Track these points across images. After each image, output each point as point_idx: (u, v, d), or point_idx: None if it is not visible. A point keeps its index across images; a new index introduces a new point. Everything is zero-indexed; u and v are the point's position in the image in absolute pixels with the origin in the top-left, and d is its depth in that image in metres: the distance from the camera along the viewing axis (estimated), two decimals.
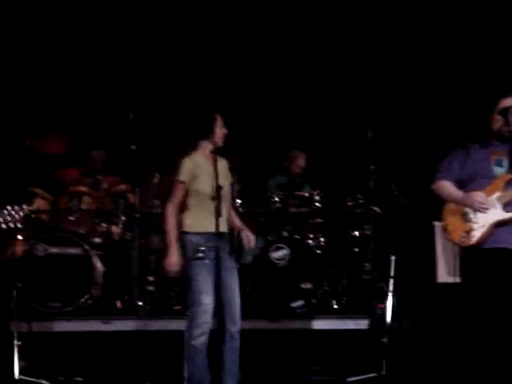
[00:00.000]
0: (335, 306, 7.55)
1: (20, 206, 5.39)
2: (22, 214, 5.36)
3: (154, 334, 7.00)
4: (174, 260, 5.54)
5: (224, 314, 5.56)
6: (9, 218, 5.38)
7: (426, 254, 7.08)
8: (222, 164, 5.73)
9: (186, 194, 5.59)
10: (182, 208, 5.61)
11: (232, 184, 5.84)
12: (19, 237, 7.35)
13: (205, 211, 5.54)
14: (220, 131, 5.69)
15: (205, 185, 5.55)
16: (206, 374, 5.62)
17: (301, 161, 8.36)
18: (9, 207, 5.43)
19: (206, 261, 5.46)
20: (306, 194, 7.76)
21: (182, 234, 5.58)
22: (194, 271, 5.49)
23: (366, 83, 8.87)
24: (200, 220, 5.56)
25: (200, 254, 5.44)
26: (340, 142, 8.62)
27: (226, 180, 5.68)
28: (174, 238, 5.56)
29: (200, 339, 5.49)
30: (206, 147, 5.67)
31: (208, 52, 8.85)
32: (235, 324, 5.58)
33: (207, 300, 5.46)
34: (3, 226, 5.46)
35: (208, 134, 5.63)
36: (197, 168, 5.59)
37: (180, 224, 5.57)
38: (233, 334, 5.59)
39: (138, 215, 7.50)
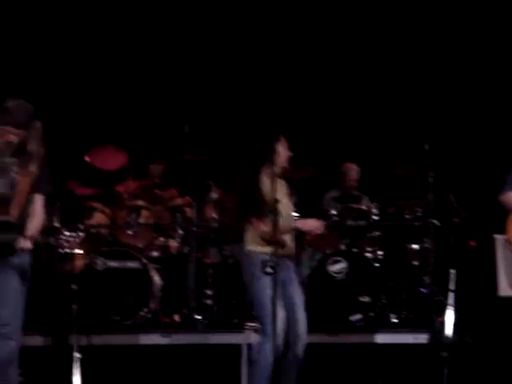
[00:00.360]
0: (394, 320, 7.46)
1: (76, 230, 5.40)
2: (78, 239, 5.37)
3: (212, 348, 7.00)
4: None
5: (289, 331, 5.63)
6: (66, 244, 5.36)
7: (486, 267, 6.97)
8: (283, 185, 5.80)
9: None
10: None
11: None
12: (79, 251, 7.45)
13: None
14: (284, 153, 5.72)
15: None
16: None
17: (353, 173, 8.28)
18: (67, 233, 5.41)
19: (273, 276, 5.51)
20: (364, 207, 7.71)
21: (251, 252, 5.69)
22: (263, 285, 5.55)
23: (424, 94, 8.80)
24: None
25: (268, 269, 5.49)
26: (398, 155, 8.54)
27: (287, 199, 5.73)
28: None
29: (271, 353, 5.55)
30: (270, 168, 5.67)
31: (265, 66, 8.85)
32: (299, 341, 5.64)
33: (278, 314, 5.50)
34: (60, 250, 5.47)
35: (272, 155, 5.65)
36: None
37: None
38: (296, 351, 5.64)
39: (195, 229, 7.54)
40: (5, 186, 5.20)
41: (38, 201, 5.27)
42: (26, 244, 5.14)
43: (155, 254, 7.72)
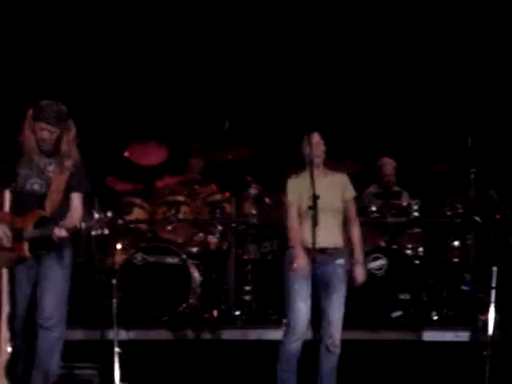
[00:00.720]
0: (435, 318, 7.39)
1: (106, 212, 5.58)
2: (107, 220, 5.54)
3: (251, 344, 7.00)
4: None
5: (322, 327, 5.66)
6: (97, 225, 5.51)
7: None
8: (334, 179, 5.77)
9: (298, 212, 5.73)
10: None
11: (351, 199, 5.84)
12: (119, 246, 7.49)
13: (306, 226, 5.62)
14: (315, 148, 5.74)
15: (304, 200, 5.66)
16: (293, 379, 5.72)
17: (389, 168, 8.20)
18: (97, 214, 5.58)
19: (302, 272, 5.58)
20: (404, 204, 7.64)
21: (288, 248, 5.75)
22: (291, 280, 5.63)
23: (466, 89, 8.70)
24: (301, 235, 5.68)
25: (296, 265, 5.59)
26: (439, 151, 8.46)
27: (330, 194, 5.68)
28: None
29: (293, 344, 5.64)
30: (309, 165, 5.74)
31: (306, 61, 8.83)
32: (331, 338, 5.64)
33: (302, 308, 5.59)
34: (93, 232, 5.67)
35: (304, 154, 5.76)
36: (299, 185, 5.73)
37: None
38: (329, 348, 5.65)
39: (234, 225, 7.54)
40: (41, 186, 5.46)
41: (76, 199, 5.52)
42: (61, 232, 5.33)
43: (194, 249, 7.75)
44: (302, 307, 5.60)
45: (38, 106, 5.42)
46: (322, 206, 5.56)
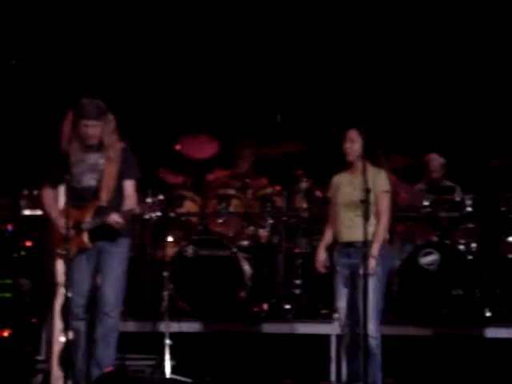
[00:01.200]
0: (488, 314, 7.28)
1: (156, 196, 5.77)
2: (159, 204, 5.73)
3: (301, 338, 6.99)
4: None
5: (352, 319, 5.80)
6: (151, 209, 5.72)
7: None
8: (372, 173, 5.76)
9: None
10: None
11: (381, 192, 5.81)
12: (170, 239, 7.54)
13: (338, 222, 5.84)
14: (344, 145, 5.85)
15: (340, 196, 5.83)
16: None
17: (435, 164, 8.10)
18: (149, 199, 5.76)
19: (337, 268, 5.81)
20: (457, 199, 7.55)
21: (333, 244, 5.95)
22: (334, 278, 5.90)
23: None
24: (335, 231, 5.90)
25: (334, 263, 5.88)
26: (494, 145, 8.35)
27: (360, 191, 5.68)
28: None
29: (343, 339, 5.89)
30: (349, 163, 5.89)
31: (355, 55, 8.77)
32: (362, 328, 5.67)
33: (339, 304, 5.85)
34: (146, 216, 5.87)
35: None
36: (339, 182, 5.90)
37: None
38: (362, 339, 5.66)
39: (284, 218, 7.53)
40: (97, 181, 5.72)
41: (129, 186, 5.78)
42: (117, 218, 5.59)
43: (245, 243, 7.74)
44: (341, 305, 5.83)
45: (79, 104, 5.68)
46: (352, 201, 5.69)
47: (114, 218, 5.60)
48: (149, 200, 5.73)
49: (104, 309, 5.71)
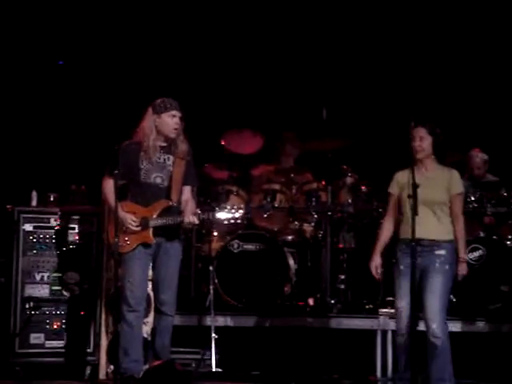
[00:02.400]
0: None
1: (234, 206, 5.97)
2: (241, 211, 5.90)
3: (346, 333, 6.99)
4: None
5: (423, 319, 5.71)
6: (229, 216, 5.88)
7: None
8: (439, 173, 5.79)
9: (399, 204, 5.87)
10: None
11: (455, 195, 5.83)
12: (215, 233, 7.58)
13: (405, 219, 5.75)
14: (418, 143, 5.80)
15: (406, 192, 5.72)
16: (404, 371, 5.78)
17: (476, 160, 8.01)
18: (228, 206, 5.97)
19: (401, 267, 5.72)
20: (505, 194, 7.46)
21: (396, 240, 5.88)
22: (395, 275, 5.81)
23: None
24: (401, 227, 5.82)
25: (395, 260, 5.80)
26: None
27: (430, 187, 5.69)
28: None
29: (398, 338, 5.79)
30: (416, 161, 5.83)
31: (406, 53, 8.71)
32: (429, 328, 5.65)
33: (400, 303, 5.72)
34: (225, 222, 6.01)
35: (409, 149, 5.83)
36: (404, 180, 5.80)
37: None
38: (429, 338, 5.64)
39: (329, 213, 7.53)
40: (163, 179, 5.84)
41: (188, 191, 5.93)
42: (192, 218, 5.74)
43: (290, 237, 7.76)
44: (402, 304, 5.72)
45: (156, 103, 5.82)
46: (419, 199, 5.58)
47: (192, 219, 5.74)
48: (228, 207, 5.94)
49: (162, 307, 5.83)
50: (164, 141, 5.85)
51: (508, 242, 7.41)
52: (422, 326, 5.78)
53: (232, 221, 5.96)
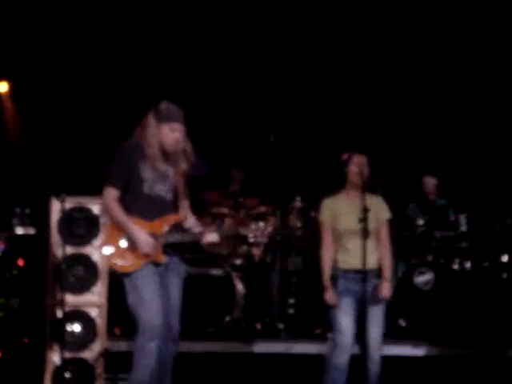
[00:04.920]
0: None
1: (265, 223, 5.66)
2: (268, 230, 5.41)
3: (295, 358, 6.94)
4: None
5: (365, 341, 5.61)
6: (258, 233, 5.37)
7: None
8: (370, 201, 5.67)
9: (334, 233, 5.77)
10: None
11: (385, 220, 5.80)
12: None
13: (342, 248, 5.72)
14: (354, 169, 5.73)
15: (342, 221, 5.69)
16: None
17: (430, 186, 8.11)
18: (254, 225, 5.48)
19: (338, 289, 5.67)
20: (452, 218, 7.54)
21: (335, 270, 5.76)
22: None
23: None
24: (338, 256, 5.73)
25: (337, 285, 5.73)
26: (486, 165, 8.36)
27: (371, 217, 5.62)
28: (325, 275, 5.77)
29: (339, 359, 5.67)
30: (348, 188, 5.77)
31: (355, 77, 8.77)
32: (369, 355, 5.59)
33: (343, 321, 5.63)
34: (251, 240, 5.47)
35: (343, 178, 5.76)
36: (337, 207, 5.74)
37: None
38: (368, 364, 5.61)
39: (278, 238, 7.50)
40: (166, 192, 5.26)
41: (188, 205, 5.40)
42: (214, 237, 5.28)
43: (238, 261, 7.72)
44: (346, 322, 5.63)
45: (160, 108, 5.20)
46: (356, 228, 5.57)
47: (214, 237, 5.27)
48: (254, 225, 5.44)
49: (173, 333, 5.31)
50: (164, 151, 5.22)
51: (455, 266, 7.47)
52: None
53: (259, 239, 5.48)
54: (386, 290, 5.66)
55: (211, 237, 5.29)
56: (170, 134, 5.17)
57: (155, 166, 5.17)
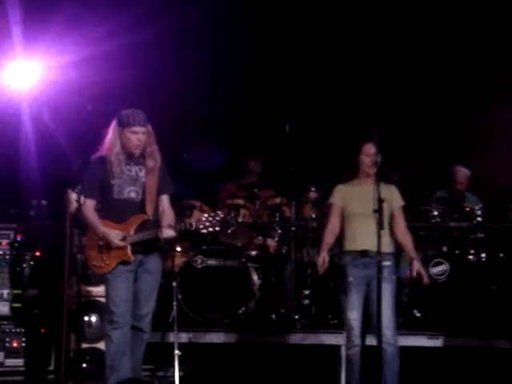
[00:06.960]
0: None
1: (216, 211, 5.76)
2: (218, 218, 5.68)
3: (310, 348, 6.96)
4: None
5: (377, 322, 5.69)
6: (207, 224, 5.66)
7: None
8: (383, 189, 5.75)
9: (343, 218, 5.98)
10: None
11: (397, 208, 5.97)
12: (178, 249, 7.52)
13: (351, 231, 5.93)
14: (366, 159, 5.93)
15: (351, 205, 5.91)
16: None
17: (460, 176, 8.10)
18: (206, 214, 5.74)
19: (350, 279, 5.88)
20: (467, 209, 7.51)
21: (341, 254, 6.01)
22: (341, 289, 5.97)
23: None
24: (346, 239, 5.96)
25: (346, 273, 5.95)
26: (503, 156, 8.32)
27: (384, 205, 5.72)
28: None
29: (350, 350, 5.92)
30: (361, 176, 6.01)
31: (372, 66, 8.74)
32: (382, 334, 5.65)
33: (352, 315, 5.86)
34: (203, 230, 5.73)
35: (356, 165, 5.99)
36: (349, 192, 5.98)
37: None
38: (382, 345, 5.65)
39: (293, 228, 7.51)
40: (137, 193, 5.68)
41: (166, 200, 5.77)
42: (169, 232, 5.60)
43: (253, 252, 7.73)
44: (354, 316, 5.85)
45: (121, 116, 5.64)
46: (366, 212, 5.71)
47: (170, 233, 5.60)
48: (206, 215, 5.71)
49: (138, 323, 5.72)
50: (130, 154, 5.67)
51: (471, 257, 7.46)
52: (368, 341, 5.88)
53: (211, 229, 5.72)
54: (416, 268, 5.86)
55: (167, 233, 5.63)
56: (131, 136, 5.61)
57: (121, 171, 5.63)
